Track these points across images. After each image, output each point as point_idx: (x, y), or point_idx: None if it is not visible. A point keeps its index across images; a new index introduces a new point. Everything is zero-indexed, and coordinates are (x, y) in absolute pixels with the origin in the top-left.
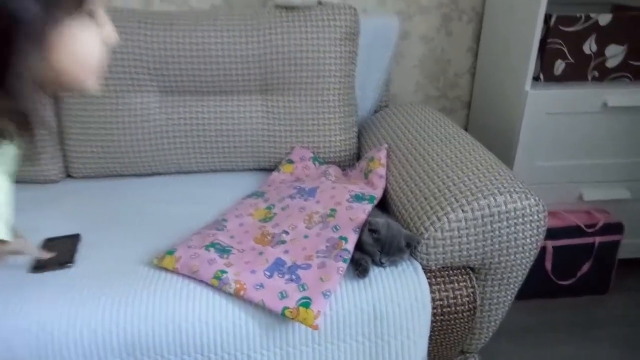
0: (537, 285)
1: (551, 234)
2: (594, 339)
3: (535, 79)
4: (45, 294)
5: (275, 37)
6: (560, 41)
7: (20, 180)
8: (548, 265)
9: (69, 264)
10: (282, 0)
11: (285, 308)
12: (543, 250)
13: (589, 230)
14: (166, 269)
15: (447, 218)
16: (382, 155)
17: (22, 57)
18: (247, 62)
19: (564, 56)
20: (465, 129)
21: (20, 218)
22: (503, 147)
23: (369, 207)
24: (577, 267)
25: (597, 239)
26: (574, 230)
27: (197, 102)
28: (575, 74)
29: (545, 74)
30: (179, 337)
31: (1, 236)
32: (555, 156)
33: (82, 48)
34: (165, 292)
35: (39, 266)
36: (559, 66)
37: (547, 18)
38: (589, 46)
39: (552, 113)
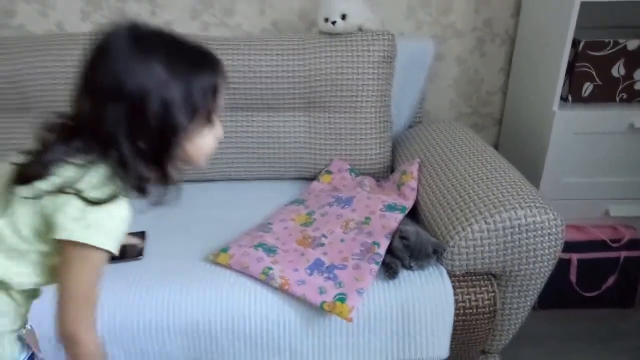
0: (561, 296)
1: (576, 247)
2: (615, 351)
3: (564, 99)
4: (120, 283)
5: (319, 60)
6: (589, 65)
7: None
8: (573, 277)
9: (140, 257)
10: (326, 27)
11: (324, 302)
12: (568, 262)
13: (614, 245)
14: (221, 265)
15: (471, 228)
16: (414, 169)
17: (173, 149)
18: (293, 82)
19: (592, 79)
20: (496, 145)
21: None
22: (532, 163)
23: (400, 216)
24: (602, 280)
25: (623, 254)
26: (599, 245)
27: (247, 117)
28: (603, 95)
29: (573, 95)
30: (231, 323)
31: (112, 250)
32: (582, 173)
33: (203, 142)
34: (220, 284)
35: (114, 257)
36: (587, 88)
37: (576, 43)
38: (617, 70)
39: (579, 132)
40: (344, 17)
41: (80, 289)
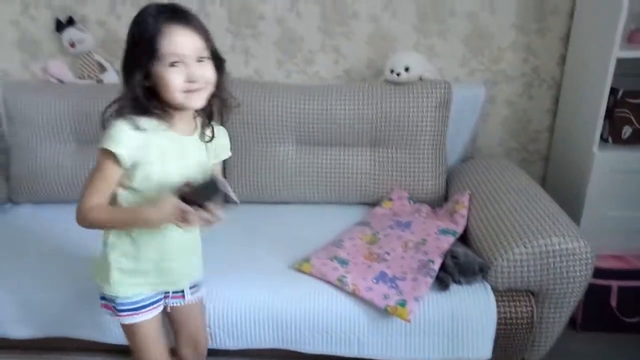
0: (602, 320)
1: (616, 274)
2: None
3: (605, 140)
4: (227, 282)
5: (384, 105)
6: (627, 110)
7: None
8: (613, 302)
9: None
10: (391, 78)
11: (387, 305)
12: (608, 289)
13: None
14: (303, 272)
15: (512, 252)
16: (465, 199)
17: (148, 79)
18: (361, 122)
19: (630, 123)
20: (544, 178)
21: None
22: (575, 196)
23: (452, 239)
24: None
25: None
26: (639, 274)
27: (321, 151)
28: None
29: (613, 137)
30: (311, 317)
31: (111, 149)
32: (621, 207)
33: (169, 77)
34: (303, 287)
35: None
36: (626, 131)
37: (615, 91)
38: None
39: (618, 171)
40: (407, 69)
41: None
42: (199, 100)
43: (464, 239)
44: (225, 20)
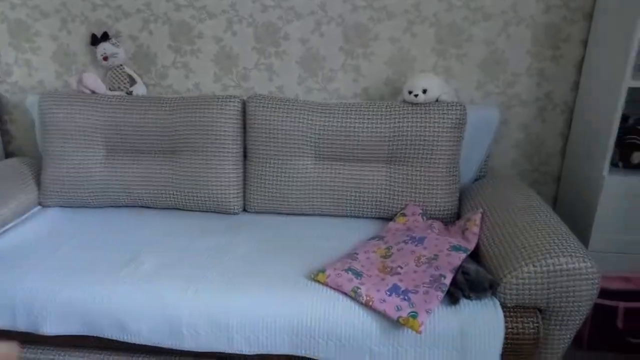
0: (609, 340)
1: (623, 296)
2: None
3: (616, 165)
4: (245, 290)
5: (401, 124)
6: (636, 137)
7: (211, 210)
8: (620, 323)
9: None
10: (409, 98)
11: (400, 317)
12: (615, 309)
13: None
14: (319, 282)
15: (521, 270)
16: (477, 217)
17: None
18: (378, 140)
19: (639, 149)
20: (555, 199)
21: (212, 239)
22: (585, 218)
23: (463, 255)
24: None
25: None
26: None
27: (339, 166)
28: None
29: (624, 162)
30: (326, 327)
31: None
32: (629, 230)
33: None
34: (319, 296)
35: None
36: (636, 157)
37: (626, 118)
38: None
39: (625, 195)
40: (425, 91)
41: None
42: None
43: (474, 255)
44: (252, 39)
